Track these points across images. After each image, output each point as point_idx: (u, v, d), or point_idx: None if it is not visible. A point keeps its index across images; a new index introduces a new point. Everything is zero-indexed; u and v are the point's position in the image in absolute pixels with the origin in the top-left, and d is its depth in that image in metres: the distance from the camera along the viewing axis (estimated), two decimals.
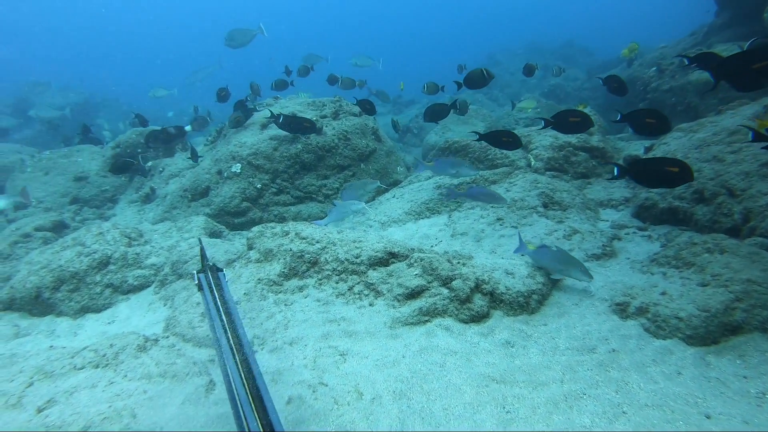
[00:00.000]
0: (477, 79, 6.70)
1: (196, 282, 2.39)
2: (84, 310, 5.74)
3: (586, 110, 8.47)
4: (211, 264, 2.43)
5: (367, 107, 8.12)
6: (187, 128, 8.89)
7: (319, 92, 10.42)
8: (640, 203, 5.80)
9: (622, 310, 3.93)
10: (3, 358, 3.80)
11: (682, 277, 4.07)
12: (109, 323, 5.51)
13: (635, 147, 8.05)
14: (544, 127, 5.44)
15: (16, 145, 12.70)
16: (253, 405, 1.53)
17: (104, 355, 3.63)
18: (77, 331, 5.43)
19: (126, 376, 3.44)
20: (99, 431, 2.87)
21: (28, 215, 9.20)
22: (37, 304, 5.72)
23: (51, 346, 4.72)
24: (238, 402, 1.58)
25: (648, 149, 6.85)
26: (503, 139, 5.78)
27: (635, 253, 5.04)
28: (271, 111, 8.03)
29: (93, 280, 5.85)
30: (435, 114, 7.28)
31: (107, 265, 5.99)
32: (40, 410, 3.04)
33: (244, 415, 1.53)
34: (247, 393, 1.59)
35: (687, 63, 5.43)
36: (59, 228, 8.12)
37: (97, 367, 3.55)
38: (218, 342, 1.90)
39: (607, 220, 6.06)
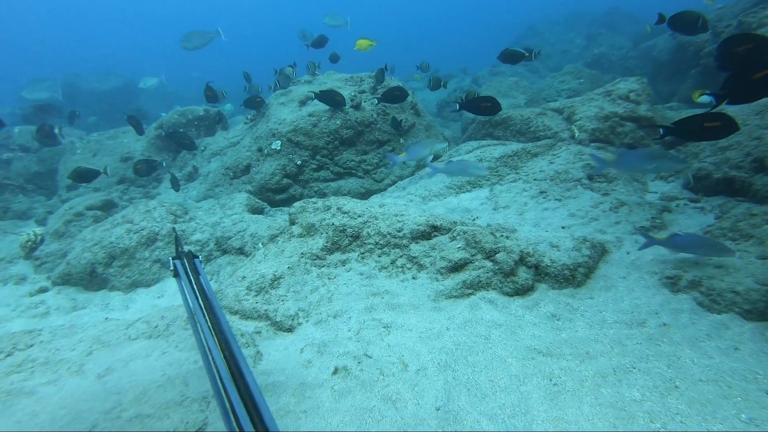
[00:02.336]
0: (688, 25, 5.75)
1: (171, 269, 2.39)
2: (135, 285, 5.96)
3: (641, 80, 8.11)
4: (186, 251, 2.44)
5: (396, 94, 7.70)
6: (56, 130, 8.91)
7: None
8: (692, 174, 5.55)
9: (673, 283, 3.80)
10: (64, 328, 3.98)
11: (740, 250, 3.89)
12: (158, 297, 5.71)
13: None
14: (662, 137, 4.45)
15: (66, 129, 13.15)
16: (234, 382, 1.55)
17: (156, 327, 3.76)
18: (129, 305, 5.65)
19: (177, 346, 3.55)
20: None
21: (80, 195, 9.57)
22: (91, 279, 5.97)
23: (106, 318, 4.94)
24: (219, 381, 1.58)
25: None
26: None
27: (687, 225, 4.84)
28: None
29: (142, 256, 6.05)
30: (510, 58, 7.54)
31: (155, 242, 6.18)
32: (100, 377, 3.19)
33: (224, 390, 1.54)
34: (228, 371, 1.58)
35: None
36: (108, 207, 8.42)
37: (150, 337, 3.68)
38: (195, 325, 1.88)
39: (656, 192, 5.84)
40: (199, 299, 1.96)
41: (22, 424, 2.79)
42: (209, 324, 1.80)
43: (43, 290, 6.11)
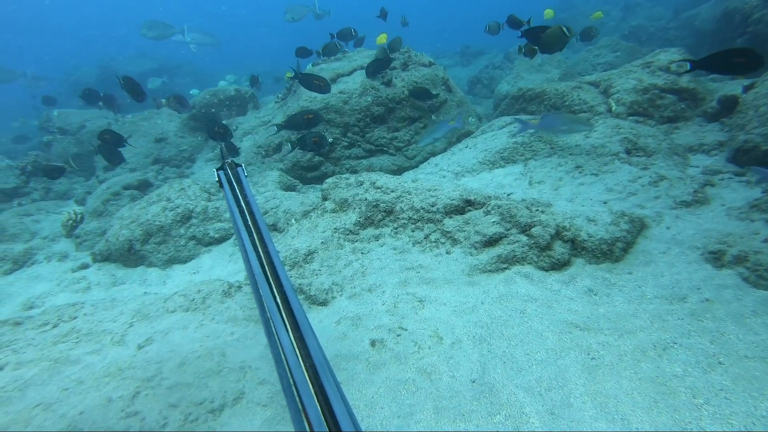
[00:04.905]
0: None
1: (217, 179, 2.43)
2: (171, 261, 6.09)
3: (682, 50, 7.79)
4: (229, 161, 2.49)
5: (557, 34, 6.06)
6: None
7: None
8: (738, 146, 5.32)
9: (716, 258, 3.67)
10: (105, 302, 4.11)
11: None
12: (194, 273, 5.83)
13: (731, 87, 7.36)
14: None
15: (102, 111, 13.43)
16: (269, 276, 1.64)
17: (193, 300, 3.85)
18: (166, 281, 5.79)
19: (214, 319, 3.63)
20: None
21: (117, 175, 9.81)
22: (129, 255, 6.13)
23: (145, 293, 5.07)
24: (254, 277, 1.68)
25: (748, 88, 6.24)
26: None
27: (731, 199, 4.66)
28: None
29: (178, 233, 6.17)
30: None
31: (190, 219, 6.29)
32: (140, 347, 3.29)
33: (257, 282, 1.63)
34: (263, 269, 1.68)
35: None
36: (144, 186, 8.61)
37: (187, 310, 3.77)
38: (236, 225, 1.98)
39: (698, 166, 5.63)
40: (241, 203, 2.11)
41: (69, 390, 2.91)
42: (248, 224, 1.95)
43: (85, 266, 6.31)
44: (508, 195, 5.26)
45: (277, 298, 1.51)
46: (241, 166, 2.42)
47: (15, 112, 21.12)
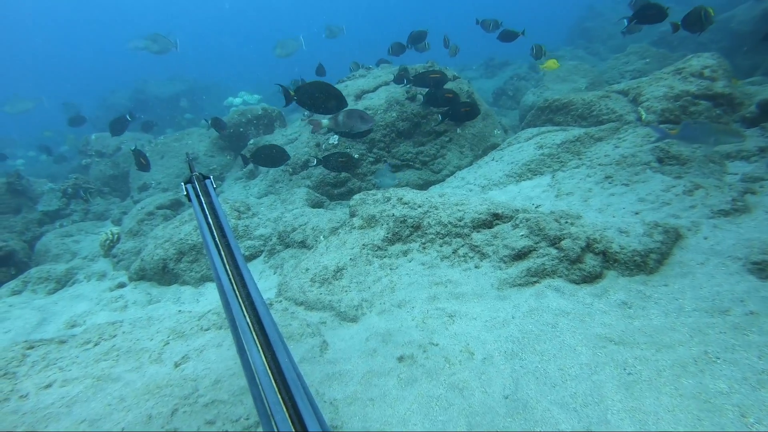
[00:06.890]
0: None
1: (185, 193, 2.31)
2: (203, 279, 6.19)
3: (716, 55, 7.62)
4: (197, 174, 2.42)
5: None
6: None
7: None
8: None
9: (761, 269, 3.52)
10: (142, 320, 4.20)
11: None
12: None
13: None
14: None
15: (135, 134, 13.89)
16: (237, 290, 1.59)
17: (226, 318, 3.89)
18: (199, 298, 5.89)
19: None
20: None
21: (150, 195, 10.08)
22: (164, 274, 6.26)
23: (180, 311, 5.16)
24: (223, 289, 1.64)
25: None
26: None
27: None
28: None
29: None
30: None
31: None
32: (177, 365, 3.34)
33: (222, 287, 1.61)
34: (229, 276, 1.65)
35: None
36: (176, 206, 8.81)
37: (220, 328, 3.82)
38: (205, 240, 1.91)
39: (737, 174, 5.45)
40: (209, 218, 2.00)
41: (111, 407, 2.97)
42: (217, 243, 1.86)
43: (122, 285, 6.48)
44: (536, 207, 5.20)
45: (248, 317, 1.48)
46: (210, 179, 2.37)
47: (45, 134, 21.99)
